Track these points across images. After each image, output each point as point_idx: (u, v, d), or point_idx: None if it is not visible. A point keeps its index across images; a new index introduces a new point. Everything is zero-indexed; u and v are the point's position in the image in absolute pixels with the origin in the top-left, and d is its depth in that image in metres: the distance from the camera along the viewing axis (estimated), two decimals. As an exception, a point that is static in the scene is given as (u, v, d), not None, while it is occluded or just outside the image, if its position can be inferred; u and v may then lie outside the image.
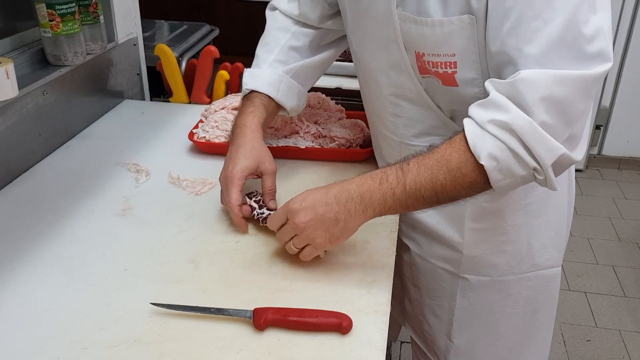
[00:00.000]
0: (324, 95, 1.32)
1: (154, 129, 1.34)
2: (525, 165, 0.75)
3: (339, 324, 0.74)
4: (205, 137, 1.22)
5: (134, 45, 1.53)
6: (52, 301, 0.80)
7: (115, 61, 1.45)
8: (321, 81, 1.24)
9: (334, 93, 1.41)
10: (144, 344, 0.73)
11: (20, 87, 1.07)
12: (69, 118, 1.28)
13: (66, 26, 1.19)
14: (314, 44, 1.11)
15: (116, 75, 1.46)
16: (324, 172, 1.15)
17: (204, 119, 1.28)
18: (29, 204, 1.04)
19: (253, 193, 0.98)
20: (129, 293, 0.81)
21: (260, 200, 0.96)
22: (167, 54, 1.51)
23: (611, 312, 2.28)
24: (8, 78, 1.02)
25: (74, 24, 1.20)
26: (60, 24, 1.18)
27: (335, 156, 1.19)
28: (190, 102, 1.55)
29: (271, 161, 0.98)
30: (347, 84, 1.70)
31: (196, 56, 1.77)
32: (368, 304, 0.80)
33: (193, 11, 2.78)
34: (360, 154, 1.19)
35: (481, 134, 0.75)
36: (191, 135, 1.24)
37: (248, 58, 1.14)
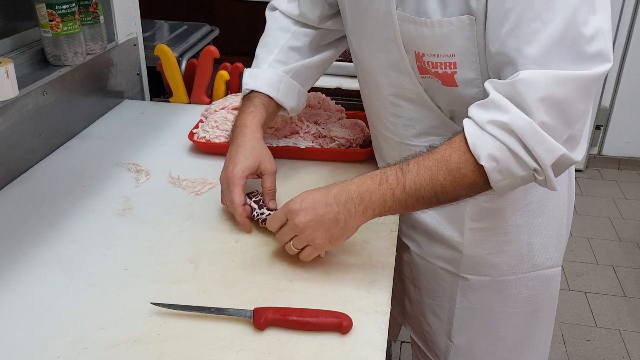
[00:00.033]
0: (324, 95, 1.32)
1: (154, 129, 1.34)
2: (525, 166, 0.75)
3: (339, 323, 0.74)
4: (205, 137, 1.22)
5: (134, 45, 1.53)
6: (52, 301, 0.80)
7: (115, 61, 1.45)
8: (321, 81, 1.24)
9: (334, 93, 1.41)
10: (144, 343, 0.73)
11: (20, 87, 1.07)
12: (69, 118, 1.28)
13: (66, 26, 1.19)
14: (313, 44, 1.11)
15: (116, 75, 1.46)
16: (324, 172, 1.15)
17: (204, 119, 1.28)
18: (29, 204, 1.04)
19: (253, 193, 0.98)
20: (129, 293, 0.82)
21: (260, 200, 0.97)
22: (167, 54, 1.51)
23: (611, 312, 2.28)
24: (8, 78, 1.02)
25: (74, 24, 1.20)
26: (60, 24, 1.18)
27: (335, 156, 1.19)
28: (190, 102, 1.55)
29: (271, 161, 0.98)
30: (347, 84, 1.70)
31: (196, 56, 1.77)
32: (368, 303, 0.80)
33: (193, 11, 2.78)
34: (360, 154, 1.19)
35: (481, 135, 0.75)
36: (191, 135, 1.24)
37: (248, 58, 1.14)
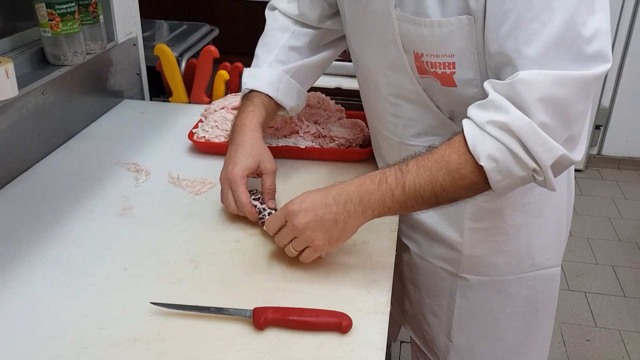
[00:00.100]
0: (323, 95, 1.32)
1: (153, 128, 1.34)
2: (525, 166, 0.75)
3: (338, 323, 0.74)
4: (205, 136, 1.22)
5: (134, 45, 1.53)
6: (52, 301, 0.80)
7: (115, 61, 1.45)
8: (321, 81, 1.24)
9: (334, 93, 1.42)
10: (143, 343, 0.73)
11: (20, 86, 1.07)
12: (68, 118, 1.28)
13: (66, 26, 1.19)
14: (313, 43, 1.11)
15: (116, 75, 1.46)
16: (323, 171, 1.15)
17: (203, 119, 1.28)
18: (29, 203, 1.04)
19: (253, 192, 0.98)
20: (129, 293, 0.82)
21: (260, 199, 0.97)
22: (166, 53, 1.51)
23: (611, 312, 2.28)
24: (8, 78, 1.02)
25: (73, 23, 1.21)
26: (60, 24, 1.18)
27: (335, 156, 1.19)
28: (190, 102, 1.55)
29: (271, 160, 0.99)
30: (347, 83, 1.71)
31: (196, 56, 1.77)
32: (368, 303, 0.80)
33: (193, 11, 2.78)
34: (360, 153, 1.19)
35: (480, 135, 0.75)
36: (191, 135, 1.24)
37: (248, 58, 1.14)
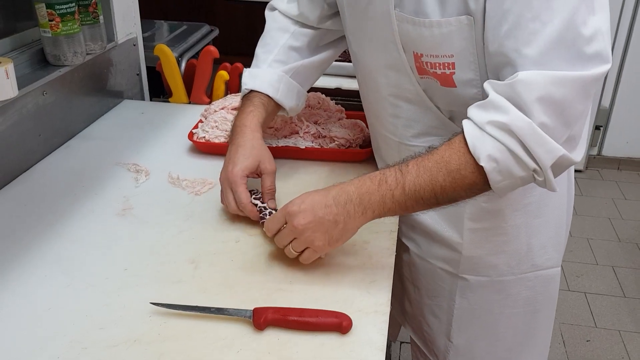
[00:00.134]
0: (323, 95, 1.32)
1: (153, 129, 1.34)
2: (525, 167, 0.75)
3: (339, 323, 0.74)
4: (205, 137, 1.22)
5: (134, 45, 1.53)
6: (52, 301, 0.80)
7: (115, 61, 1.45)
8: (321, 81, 1.24)
9: (334, 93, 1.41)
10: (143, 343, 0.73)
11: (20, 87, 1.07)
12: (68, 118, 1.28)
13: (66, 26, 1.19)
14: (313, 44, 1.11)
15: (116, 75, 1.46)
16: (323, 172, 1.15)
17: (203, 119, 1.28)
18: (29, 204, 1.04)
19: (253, 191, 0.98)
20: (129, 293, 0.82)
21: (260, 199, 0.97)
22: (166, 54, 1.51)
23: (611, 313, 2.28)
24: (8, 78, 1.02)
25: (73, 24, 1.21)
26: (60, 24, 1.18)
27: (335, 156, 1.19)
28: (189, 102, 1.55)
29: (271, 161, 0.99)
30: (347, 84, 1.71)
31: (196, 56, 1.77)
32: (368, 304, 0.80)
33: (193, 11, 2.78)
34: (360, 154, 1.19)
35: (480, 136, 0.75)
36: (191, 135, 1.24)
37: (248, 58, 1.14)
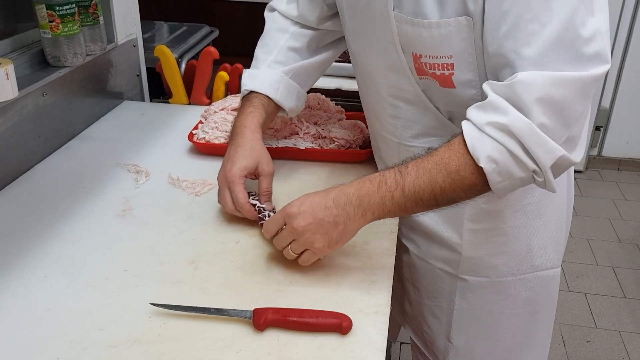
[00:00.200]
0: (323, 96, 1.32)
1: (153, 130, 1.34)
2: (525, 168, 0.75)
3: (339, 324, 0.74)
4: (205, 138, 1.22)
5: (134, 46, 1.53)
6: (52, 301, 0.80)
7: (115, 62, 1.45)
8: (321, 82, 1.24)
9: (334, 94, 1.42)
10: (143, 344, 0.73)
11: (20, 88, 1.07)
12: (68, 119, 1.28)
13: (66, 27, 1.19)
14: (312, 44, 1.11)
15: (116, 76, 1.46)
16: (323, 173, 1.15)
17: (203, 120, 1.29)
18: (29, 204, 1.04)
19: (251, 193, 0.98)
20: (129, 293, 0.82)
21: (258, 200, 0.96)
22: (166, 55, 1.51)
23: (611, 313, 2.28)
24: (8, 79, 1.02)
25: (73, 25, 1.21)
26: (60, 25, 1.18)
27: (335, 157, 1.19)
28: (189, 103, 1.56)
29: (269, 163, 0.98)
30: (347, 85, 1.71)
31: (196, 57, 1.77)
32: (368, 304, 0.80)
33: (193, 12, 2.78)
34: (360, 155, 1.19)
35: (480, 137, 0.75)
36: (191, 136, 1.24)
37: (248, 59, 1.14)
